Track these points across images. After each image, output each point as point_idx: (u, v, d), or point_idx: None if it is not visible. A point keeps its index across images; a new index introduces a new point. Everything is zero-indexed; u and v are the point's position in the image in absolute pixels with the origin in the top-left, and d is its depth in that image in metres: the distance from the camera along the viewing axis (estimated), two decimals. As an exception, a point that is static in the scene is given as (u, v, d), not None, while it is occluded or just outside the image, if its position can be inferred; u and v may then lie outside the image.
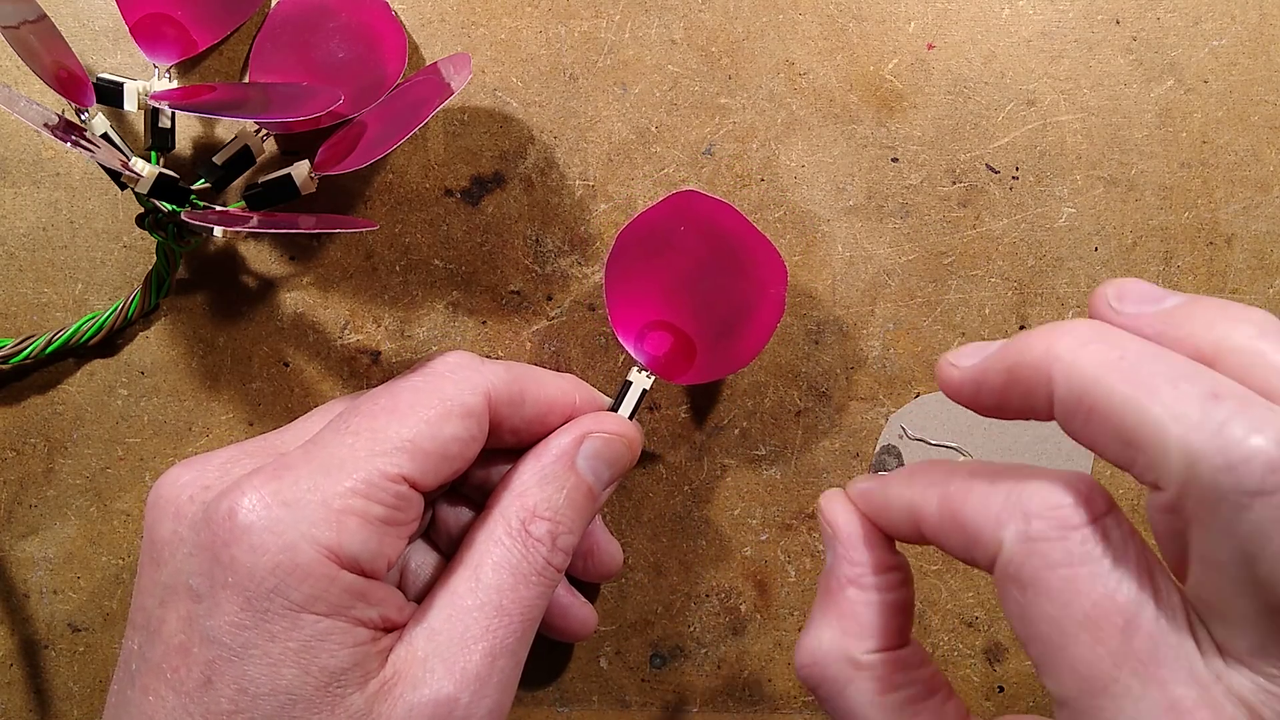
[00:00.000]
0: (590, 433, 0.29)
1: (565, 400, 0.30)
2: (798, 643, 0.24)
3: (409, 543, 0.31)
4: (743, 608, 0.34)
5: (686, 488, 0.34)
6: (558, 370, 0.33)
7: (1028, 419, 0.22)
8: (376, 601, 0.25)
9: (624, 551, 0.34)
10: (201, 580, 0.24)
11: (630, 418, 0.31)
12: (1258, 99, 0.33)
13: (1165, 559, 0.20)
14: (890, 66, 0.34)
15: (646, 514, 0.34)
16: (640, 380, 0.31)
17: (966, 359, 0.23)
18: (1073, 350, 0.20)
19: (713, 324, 0.31)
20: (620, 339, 0.31)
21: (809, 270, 0.34)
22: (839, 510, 0.25)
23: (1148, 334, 0.21)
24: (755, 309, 0.31)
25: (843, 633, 0.24)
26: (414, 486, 0.26)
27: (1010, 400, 0.22)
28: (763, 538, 0.34)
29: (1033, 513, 0.20)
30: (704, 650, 0.34)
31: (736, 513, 0.34)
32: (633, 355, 0.31)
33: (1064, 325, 0.21)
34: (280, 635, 0.23)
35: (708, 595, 0.34)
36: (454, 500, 0.31)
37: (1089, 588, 0.19)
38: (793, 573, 0.34)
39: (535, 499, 0.28)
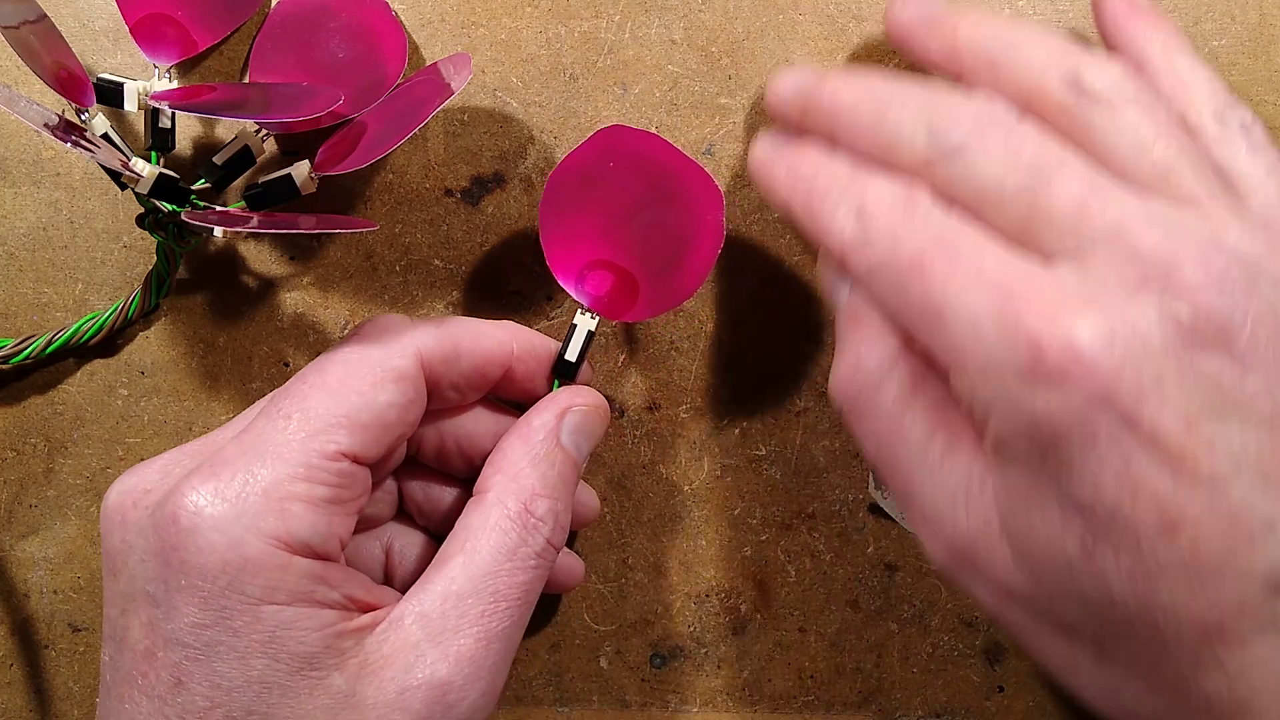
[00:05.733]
0: (570, 407, 0.29)
1: (503, 350, 0.29)
2: (834, 372, 0.26)
3: (378, 524, 0.31)
4: (743, 608, 0.34)
5: (686, 488, 0.34)
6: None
7: None
8: (337, 584, 0.25)
9: (624, 551, 0.34)
10: (157, 586, 0.24)
11: (579, 361, 0.31)
12: (1258, 99, 0.33)
13: None
14: (890, 67, 0.34)
15: (646, 514, 0.34)
16: (585, 322, 0.31)
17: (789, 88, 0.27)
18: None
19: (653, 258, 0.31)
20: (560, 282, 0.31)
21: (810, 270, 0.34)
22: None
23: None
24: (695, 238, 0.31)
25: (880, 340, 0.26)
26: (356, 461, 0.25)
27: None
28: (763, 538, 0.34)
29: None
30: (704, 650, 0.35)
31: (736, 513, 0.34)
32: (574, 298, 0.31)
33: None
34: (244, 630, 0.24)
35: (708, 595, 0.34)
36: (416, 472, 0.31)
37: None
38: (793, 573, 0.34)
39: (531, 479, 0.28)
